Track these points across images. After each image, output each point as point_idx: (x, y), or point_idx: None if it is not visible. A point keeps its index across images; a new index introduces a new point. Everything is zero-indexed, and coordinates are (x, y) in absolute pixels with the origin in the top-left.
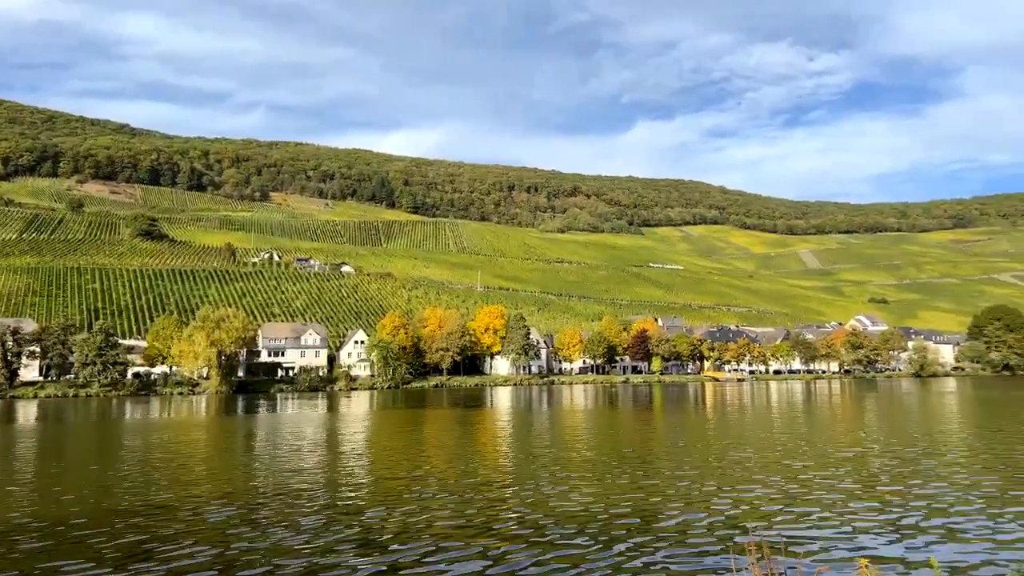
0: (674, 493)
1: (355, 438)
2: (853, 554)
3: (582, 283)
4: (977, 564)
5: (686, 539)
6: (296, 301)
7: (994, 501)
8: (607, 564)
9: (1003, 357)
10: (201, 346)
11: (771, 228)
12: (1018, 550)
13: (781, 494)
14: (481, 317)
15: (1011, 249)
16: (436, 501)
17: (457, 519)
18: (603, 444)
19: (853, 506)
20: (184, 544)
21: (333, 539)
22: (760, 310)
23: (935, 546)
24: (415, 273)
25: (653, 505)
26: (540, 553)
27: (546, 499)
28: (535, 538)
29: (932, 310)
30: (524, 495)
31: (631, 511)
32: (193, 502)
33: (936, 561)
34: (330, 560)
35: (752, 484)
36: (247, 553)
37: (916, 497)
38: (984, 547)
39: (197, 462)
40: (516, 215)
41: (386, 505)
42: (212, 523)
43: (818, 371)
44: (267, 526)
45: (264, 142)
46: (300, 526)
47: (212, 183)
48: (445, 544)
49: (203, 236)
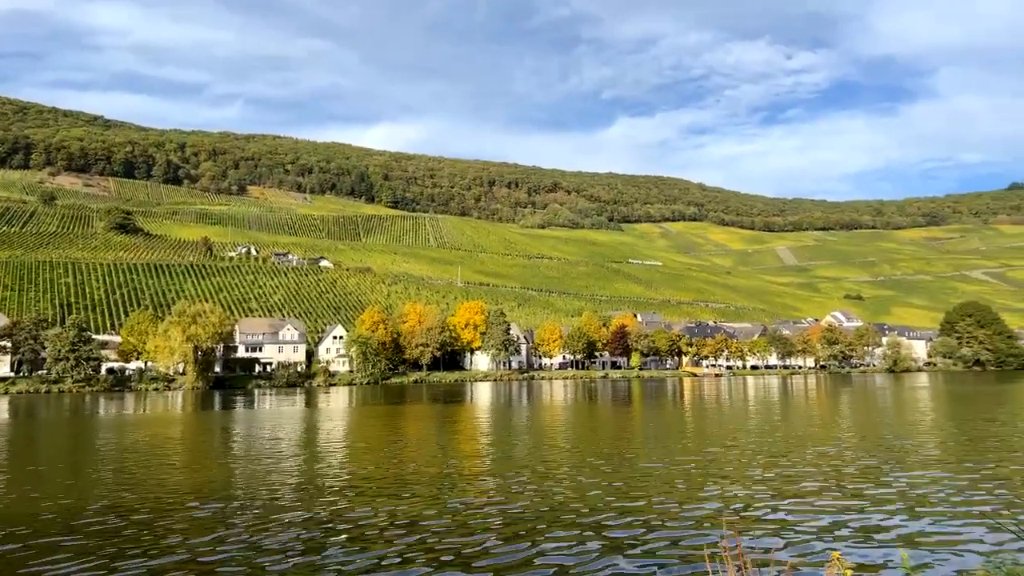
0: (651, 487)
1: (334, 434)
2: (825, 546)
3: (562, 279)
4: (947, 558)
5: (662, 533)
6: (274, 296)
7: (965, 494)
8: (584, 559)
9: (974, 353)
10: (177, 341)
11: (749, 225)
12: (989, 544)
13: (757, 487)
14: (461, 312)
15: (982, 247)
16: (417, 497)
17: (438, 515)
18: (583, 439)
19: (825, 499)
20: (162, 544)
21: (313, 537)
22: (738, 306)
23: (905, 539)
24: (395, 268)
25: (631, 500)
26: (522, 549)
27: (526, 494)
28: (516, 534)
29: (906, 306)
30: (504, 490)
31: (609, 507)
32: (170, 501)
33: (906, 553)
34: (311, 559)
35: (728, 478)
36: (227, 552)
37: (888, 490)
38: (954, 540)
39: (173, 459)
40: (496, 210)
41: (366, 502)
42: (190, 522)
43: (794, 366)
44: (246, 525)
45: (241, 135)
46: (280, 524)
47: (188, 176)
48: (428, 541)
49: (179, 230)
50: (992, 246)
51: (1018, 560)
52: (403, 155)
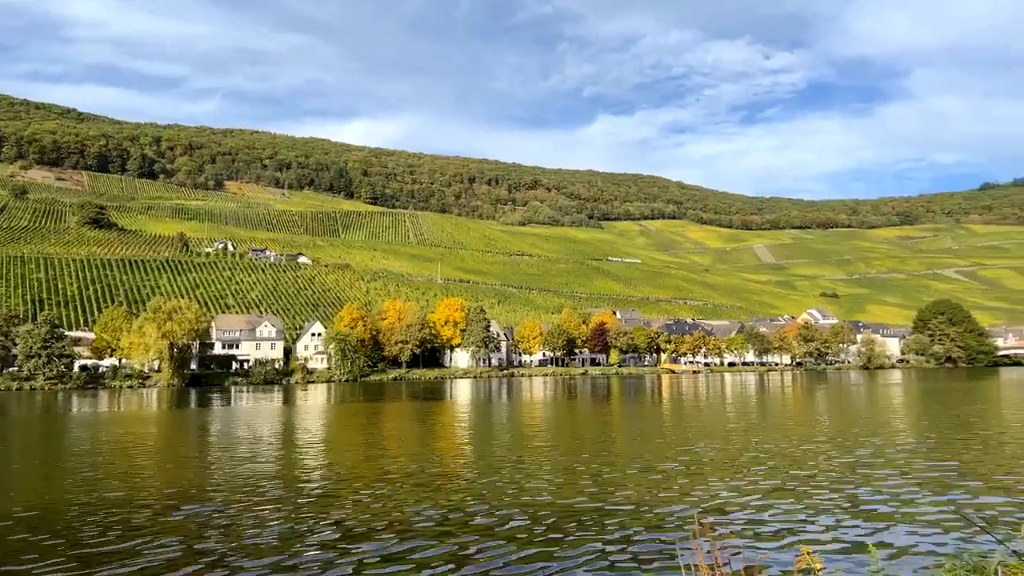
0: (627, 484)
1: (313, 432)
2: (796, 540)
3: (542, 276)
4: (914, 552)
5: (636, 529)
6: (251, 292)
7: (935, 489)
8: (562, 554)
9: (946, 350)
10: (152, 338)
11: (727, 223)
12: (957, 539)
13: (730, 484)
14: (441, 310)
15: (955, 246)
16: (397, 495)
17: (418, 512)
18: (561, 437)
19: (798, 495)
20: (138, 544)
21: (292, 536)
22: (716, 303)
23: (875, 533)
24: (374, 265)
25: (606, 497)
26: (501, 545)
27: (506, 491)
28: (496, 530)
29: (880, 304)
30: (485, 487)
31: (588, 501)
32: (146, 500)
33: (875, 547)
34: (290, 560)
35: (702, 475)
36: (204, 552)
37: (859, 486)
38: (923, 535)
39: (149, 457)
40: (477, 207)
41: (346, 500)
42: (166, 523)
43: (771, 363)
44: (225, 524)
45: (219, 129)
46: (258, 524)
47: (164, 171)
48: (408, 538)
49: (154, 225)
50: (964, 245)
51: (984, 554)
52: (383, 151)
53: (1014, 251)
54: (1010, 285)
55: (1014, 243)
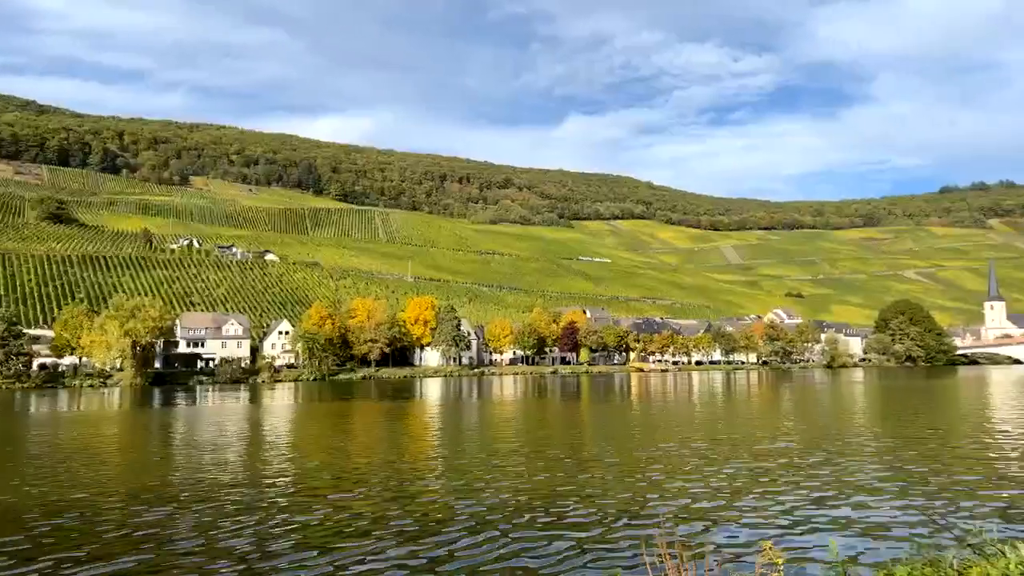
0: (593, 482)
1: (279, 431)
2: (758, 535)
3: (514, 275)
4: (873, 546)
5: (602, 527)
6: (217, 290)
7: (894, 485)
8: (531, 553)
9: (906, 349)
10: (114, 336)
11: (695, 224)
12: (916, 534)
13: (695, 481)
14: (411, 308)
15: (915, 247)
16: (367, 495)
17: (388, 513)
18: (532, 435)
19: (760, 491)
20: (99, 550)
21: (262, 540)
22: (684, 303)
23: (835, 528)
24: (343, 263)
25: (576, 493)
26: (472, 545)
27: (475, 490)
28: (466, 530)
29: (843, 304)
30: (454, 487)
31: (556, 500)
32: (108, 503)
33: (835, 541)
34: (259, 564)
35: (667, 472)
36: (170, 556)
37: (820, 481)
38: (882, 529)
39: (110, 458)
40: (448, 205)
41: (315, 501)
42: (129, 526)
43: (737, 362)
44: (191, 527)
45: (184, 124)
46: (225, 526)
47: (127, 165)
48: (378, 538)
49: (117, 221)
50: (924, 247)
51: (941, 547)
52: (353, 147)
53: (971, 253)
54: (967, 286)
55: (971, 245)
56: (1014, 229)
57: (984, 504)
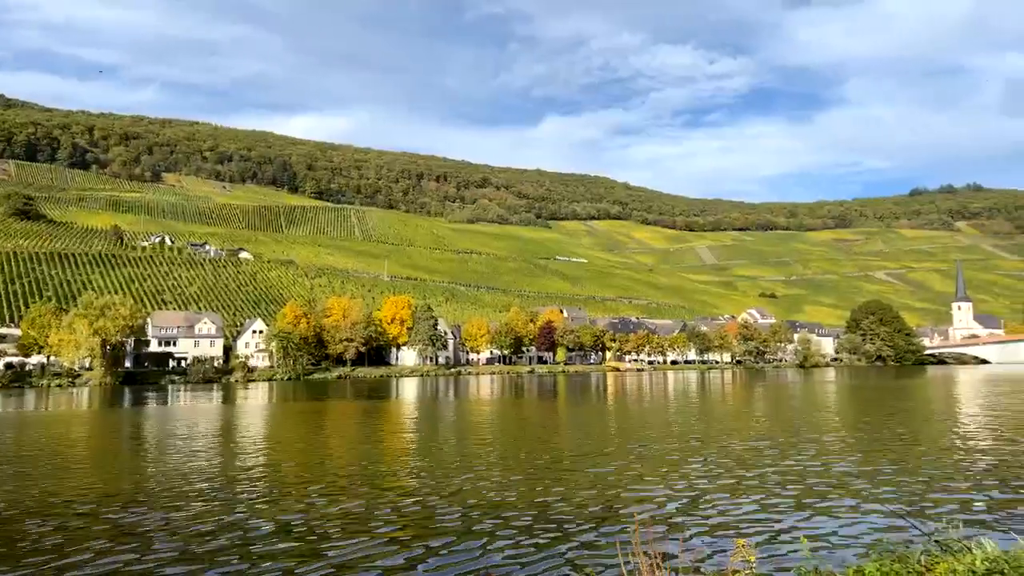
0: (572, 480)
1: (252, 432)
2: (732, 534)
3: (491, 274)
4: (843, 542)
5: (577, 528)
6: (190, 288)
7: (863, 483)
8: (505, 552)
9: (877, 349)
10: (83, 335)
11: (671, 224)
12: (885, 530)
13: (669, 481)
14: (388, 307)
15: (885, 248)
16: (340, 497)
17: (362, 515)
18: (507, 435)
19: (732, 490)
20: (69, 553)
21: (235, 544)
22: (659, 303)
23: (807, 526)
24: (318, 261)
25: (552, 493)
26: (446, 545)
27: (451, 491)
28: (441, 530)
29: (816, 305)
30: (430, 487)
31: (531, 499)
32: (75, 507)
33: (806, 540)
34: (235, 568)
35: (642, 472)
36: (140, 560)
37: (791, 480)
38: (852, 527)
39: (79, 460)
40: (425, 204)
41: (288, 503)
42: (97, 532)
43: (712, 361)
44: (162, 529)
45: (156, 119)
46: (197, 529)
47: (97, 161)
48: (353, 540)
49: (87, 217)
50: (894, 248)
51: (908, 544)
52: (329, 145)
53: (940, 255)
54: (936, 287)
55: (939, 247)
56: (980, 232)
57: (951, 502)
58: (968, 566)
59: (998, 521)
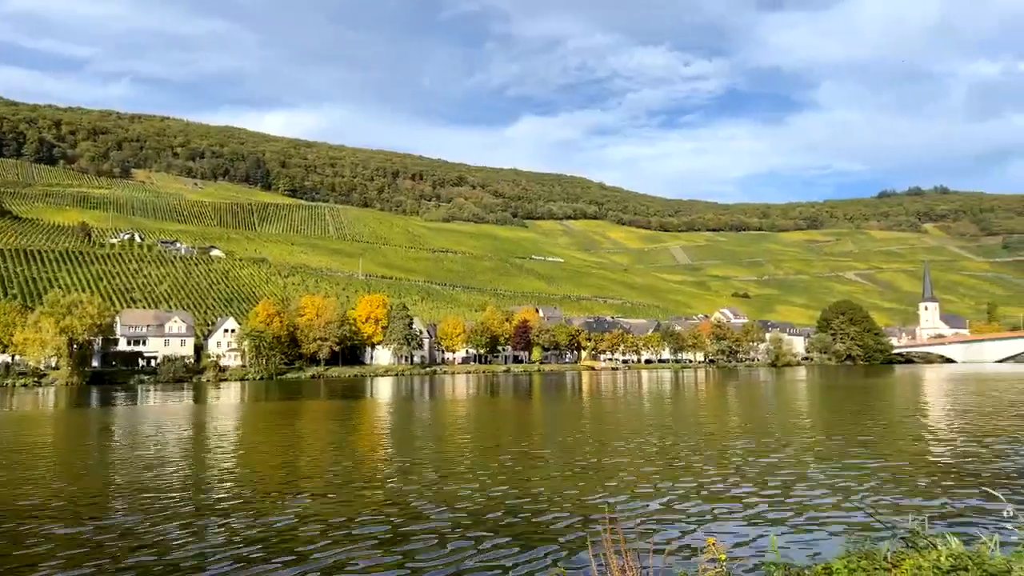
0: (545, 480)
1: (224, 432)
2: (703, 532)
3: (467, 273)
4: (812, 540)
5: (548, 521)
6: (160, 286)
7: (832, 480)
8: (478, 553)
9: (846, 348)
10: (49, 334)
11: (646, 224)
12: (853, 527)
13: (640, 477)
14: (362, 306)
15: (855, 249)
16: (313, 500)
17: (335, 517)
18: (483, 434)
19: (703, 488)
20: (33, 559)
21: (205, 546)
22: (634, 302)
23: (776, 524)
24: (292, 259)
25: (526, 492)
26: (421, 547)
27: (425, 492)
28: (416, 531)
29: (787, 304)
30: (405, 489)
31: (504, 499)
32: (41, 513)
33: (775, 537)
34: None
35: (614, 468)
36: (108, 567)
37: (762, 478)
38: (821, 525)
39: (44, 462)
40: (400, 203)
41: (260, 506)
42: (62, 540)
43: (685, 360)
44: (130, 535)
45: (125, 114)
46: (167, 533)
47: (64, 156)
48: (324, 545)
49: (53, 214)
50: (863, 249)
51: (877, 542)
52: (302, 142)
53: (907, 255)
54: (903, 288)
55: (907, 248)
56: (947, 233)
57: (918, 499)
58: (933, 562)
59: (963, 518)
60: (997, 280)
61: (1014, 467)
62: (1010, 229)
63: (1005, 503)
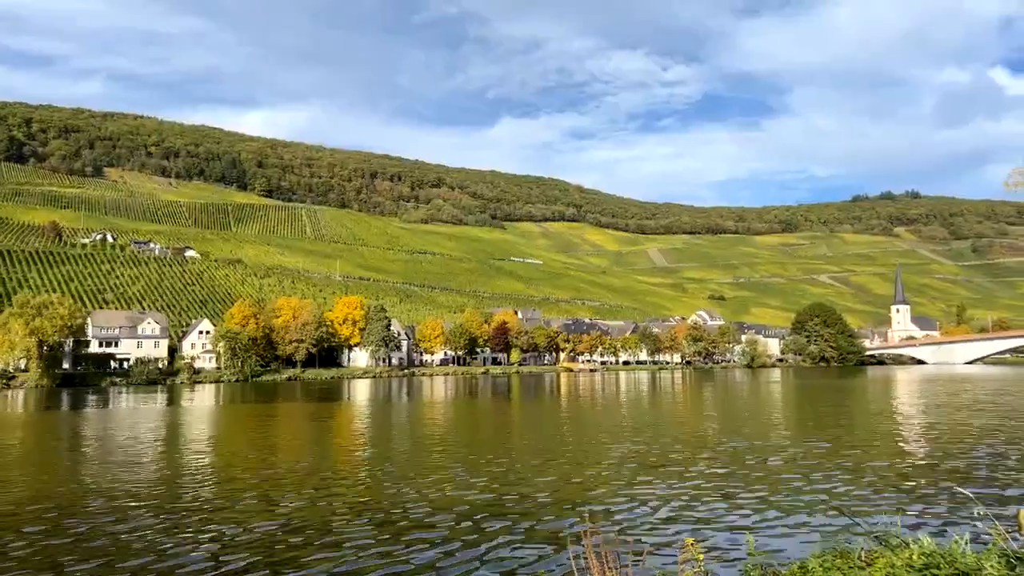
0: (524, 482)
1: (197, 435)
2: (680, 532)
3: (445, 275)
4: (788, 539)
5: (531, 527)
6: (133, 287)
7: (807, 479)
8: (457, 555)
9: (820, 350)
10: (18, 335)
11: (624, 227)
12: (828, 527)
13: (619, 478)
14: (340, 308)
15: (829, 252)
16: (289, 503)
17: (311, 520)
18: (460, 436)
19: (681, 488)
20: (7, 567)
21: (180, 551)
22: (612, 304)
23: (753, 524)
24: (268, 260)
25: (504, 494)
26: (396, 552)
27: (402, 493)
28: (393, 534)
29: (763, 307)
30: (381, 491)
31: (482, 501)
32: (13, 515)
33: (752, 538)
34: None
35: (594, 470)
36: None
37: (739, 479)
38: (797, 525)
39: (11, 469)
40: (378, 204)
41: (236, 510)
42: (34, 547)
43: (662, 362)
44: (102, 540)
45: (98, 112)
46: (140, 539)
47: (35, 154)
48: (300, 547)
49: (23, 213)
50: (837, 252)
51: (851, 541)
52: (279, 142)
53: (879, 259)
54: (876, 290)
55: (879, 252)
56: (918, 237)
57: (890, 496)
58: (906, 561)
59: (935, 517)
60: (966, 283)
61: (984, 466)
62: (979, 233)
63: (976, 503)
